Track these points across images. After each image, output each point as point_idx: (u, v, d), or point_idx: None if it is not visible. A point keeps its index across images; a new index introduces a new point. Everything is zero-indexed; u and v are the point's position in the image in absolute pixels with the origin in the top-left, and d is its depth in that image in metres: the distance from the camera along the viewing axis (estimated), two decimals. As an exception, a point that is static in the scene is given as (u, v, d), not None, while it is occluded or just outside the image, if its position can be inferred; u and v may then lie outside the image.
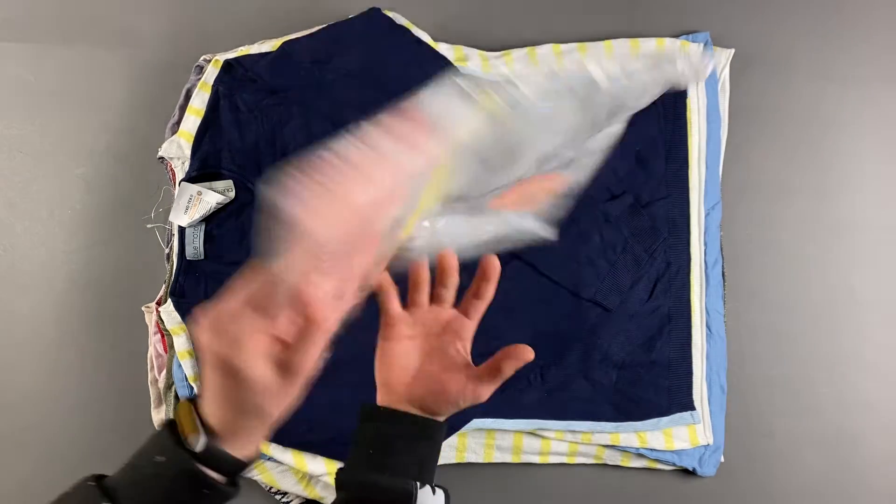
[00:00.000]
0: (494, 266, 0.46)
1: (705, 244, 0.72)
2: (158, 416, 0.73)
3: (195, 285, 0.69)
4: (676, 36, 0.75)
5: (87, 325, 0.76)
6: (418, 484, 0.47)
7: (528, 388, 0.69)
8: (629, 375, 0.70)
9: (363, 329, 0.48)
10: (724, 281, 0.73)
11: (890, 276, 0.75)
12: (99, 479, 0.41)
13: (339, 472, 0.49)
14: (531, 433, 0.71)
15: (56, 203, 0.78)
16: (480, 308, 0.48)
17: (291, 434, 0.68)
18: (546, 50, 0.75)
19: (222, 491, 0.39)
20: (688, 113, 0.72)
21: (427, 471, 0.50)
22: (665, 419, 0.69)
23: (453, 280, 0.47)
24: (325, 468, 0.69)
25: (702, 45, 0.73)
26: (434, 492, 0.48)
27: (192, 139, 0.70)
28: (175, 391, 0.71)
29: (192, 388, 0.69)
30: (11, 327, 0.76)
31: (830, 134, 0.76)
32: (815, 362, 0.75)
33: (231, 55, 0.72)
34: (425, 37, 0.75)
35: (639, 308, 0.71)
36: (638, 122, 0.71)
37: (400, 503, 0.46)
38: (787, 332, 0.75)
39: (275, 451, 0.69)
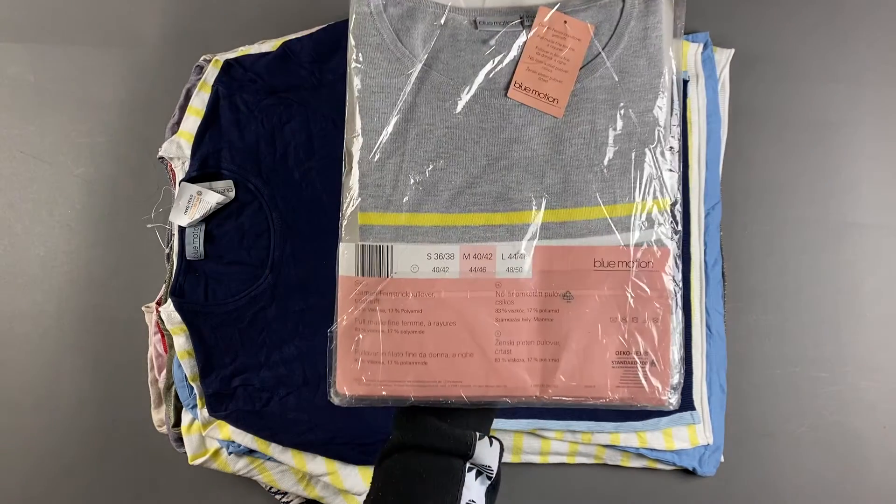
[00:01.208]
0: None
1: (705, 244, 0.72)
2: (158, 415, 0.73)
3: (195, 285, 0.69)
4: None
5: (87, 324, 0.76)
6: (478, 434, 0.48)
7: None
8: (629, 375, 0.70)
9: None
10: (724, 281, 0.73)
11: (891, 277, 0.75)
12: None
13: (398, 412, 0.51)
14: (531, 433, 0.71)
15: (56, 203, 0.78)
16: None
17: (291, 434, 0.68)
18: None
19: None
20: (688, 113, 0.72)
21: (486, 421, 0.52)
22: (665, 419, 0.69)
23: None
24: (325, 468, 0.69)
25: (701, 45, 0.73)
26: (491, 443, 0.49)
27: (192, 139, 0.70)
28: (175, 391, 0.71)
29: (191, 388, 0.69)
30: (11, 327, 0.77)
31: (832, 134, 0.76)
32: (816, 362, 0.75)
33: (231, 55, 0.72)
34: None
35: (639, 308, 0.71)
36: (638, 121, 0.72)
37: (459, 450, 0.47)
38: (788, 332, 0.75)
39: (275, 451, 0.69)
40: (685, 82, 0.72)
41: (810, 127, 0.76)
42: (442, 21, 0.51)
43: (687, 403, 0.70)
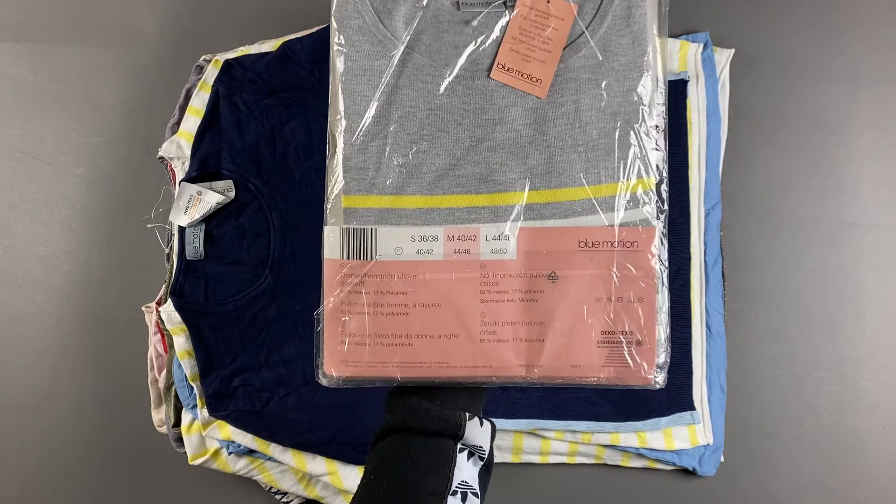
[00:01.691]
0: None
1: (705, 244, 0.72)
2: (158, 415, 0.73)
3: (195, 285, 0.69)
4: (676, 36, 0.75)
5: (87, 325, 0.76)
6: (467, 415, 0.48)
7: (528, 388, 0.69)
8: (629, 375, 0.70)
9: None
10: (724, 281, 0.73)
11: (890, 277, 0.75)
12: None
13: (389, 395, 0.51)
14: (531, 433, 0.71)
15: (56, 203, 0.78)
16: None
17: (291, 434, 0.68)
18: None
19: None
20: (688, 113, 0.72)
21: (476, 402, 0.51)
22: (665, 419, 0.69)
23: None
24: (325, 468, 0.69)
25: (701, 45, 0.73)
26: (482, 423, 0.49)
27: (192, 139, 0.71)
28: (175, 391, 0.71)
29: (191, 388, 0.69)
30: (11, 327, 0.77)
31: (831, 134, 0.76)
32: (816, 362, 0.75)
33: (231, 55, 0.73)
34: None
35: (639, 308, 0.71)
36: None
37: (449, 431, 0.47)
38: (788, 332, 0.75)
39: (275, 451, 0.69)
40: (685, 82, 0.72)
41: (810, 126, 0.76)
42: (424, 2, 0.51)
43: (687, 403, 0.70)
